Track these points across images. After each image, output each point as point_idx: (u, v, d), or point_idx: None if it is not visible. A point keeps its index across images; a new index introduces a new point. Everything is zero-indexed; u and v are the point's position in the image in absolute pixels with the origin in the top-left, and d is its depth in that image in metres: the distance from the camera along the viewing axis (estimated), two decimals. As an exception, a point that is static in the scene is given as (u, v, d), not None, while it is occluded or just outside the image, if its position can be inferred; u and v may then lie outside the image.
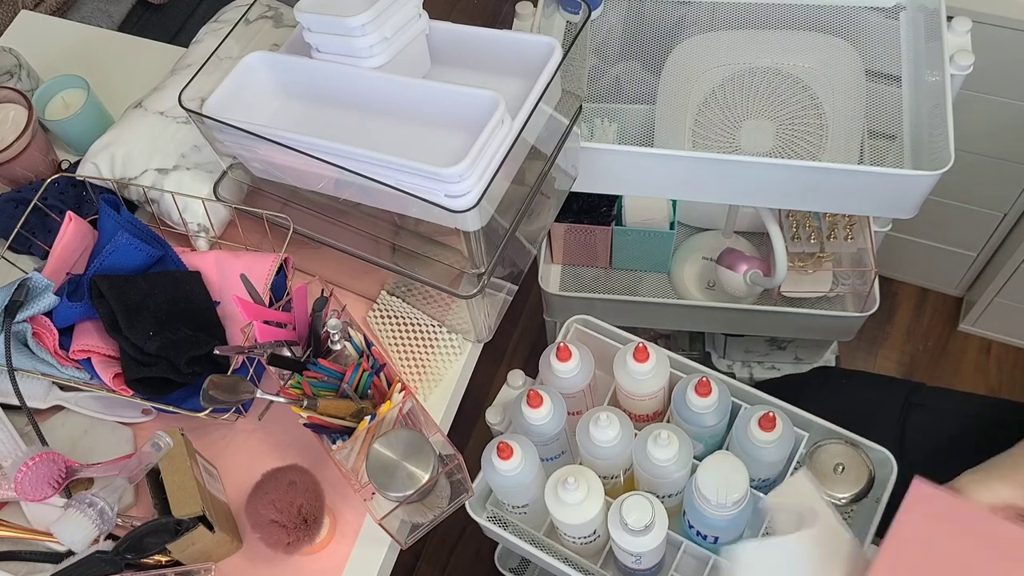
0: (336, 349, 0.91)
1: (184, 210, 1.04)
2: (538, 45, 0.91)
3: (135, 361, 0.92)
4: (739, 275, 1.33)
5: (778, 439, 0.86)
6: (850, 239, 1.29)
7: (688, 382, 0.88)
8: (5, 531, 0.90)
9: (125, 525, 0.89)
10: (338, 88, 0.95)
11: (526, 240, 1.00)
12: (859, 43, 1.15)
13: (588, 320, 1.01)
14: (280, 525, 0.84)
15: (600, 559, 0.92)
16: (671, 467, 0.84)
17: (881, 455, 0.91)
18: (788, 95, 1.17)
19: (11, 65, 1.24)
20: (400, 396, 0.87)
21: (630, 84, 1.24)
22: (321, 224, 0.98)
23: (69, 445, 0.97)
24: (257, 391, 0.86)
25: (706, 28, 1.20)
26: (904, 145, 1.06)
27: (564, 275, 1.48)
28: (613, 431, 0.86)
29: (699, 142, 1.18)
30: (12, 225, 1.03)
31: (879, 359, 1.92)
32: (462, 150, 0.80)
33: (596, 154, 1.04)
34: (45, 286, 0.94)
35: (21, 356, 0.93)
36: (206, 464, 0.93)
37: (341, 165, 0.85)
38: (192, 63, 1.14)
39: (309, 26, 0.91)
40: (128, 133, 1.09)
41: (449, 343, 1.04)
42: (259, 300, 0.92)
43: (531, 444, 0.88)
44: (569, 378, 0.92)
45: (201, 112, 0.92)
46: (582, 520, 0.84)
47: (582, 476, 0.84)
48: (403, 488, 0.82)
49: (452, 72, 0.97)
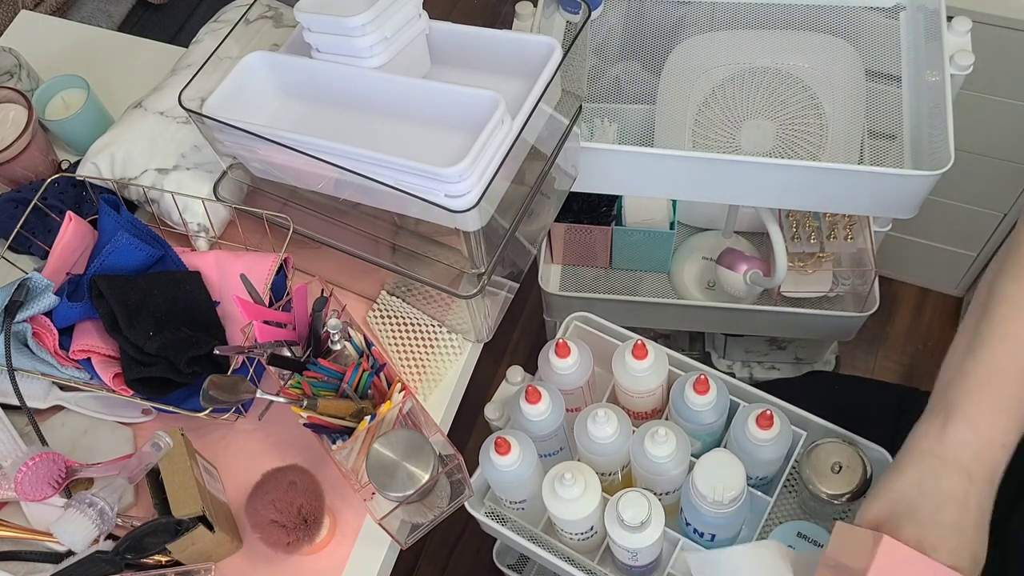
0: (336, 349, 0.91)
1: (184, 210, 1.04)
2: (538, 45, 0.91)
3: (135, 361, 0.92)
4: (739, 275, 1.34)
5: (775, 437, 0.86)
6: (850, 239, 1.29)
7: (686, 380, 0.88)
8: (5, 531, 0.90)
9: (125, 525, 0.89)
10: (338, 88, 0.95)
11: (526, 240, 1.00)
12: (859, 43, 1.15)
13: (587, 317, 1.01)
14: (280, 525, 0.84)
15: (597, 555, 0.92)
16: (668, 464, 0.85)
17: (878, 454, 0.91)
18: (788, 95, 1.17)
19: (11, 65, 1.24)
20: (400, 396, 0.87)
21: (630, 84, 1.24)
22: (321, 224, 0.99)
23: (69, 445, 0.97)
24: (257, 391, 0.86)
25: (706, 28, 1.20)
26: (904, 145, 1.06)
27: (564, 275, 1.48)
28: (611, 428, 0.86)
29: (699, 142, 1.18)
30: (12, 225, 1.03)
31: (879, 359, 1.92)
32: (462, 150, 0.80)
33: (596, 154, 1.04)
34: (45, 286, 0.94)
35: (21, 356, 0.93)
36: (206, 464, 0.93)
37: (341, 165, 0.85)
38: (192, 63, 1.14)
39: (309, 26, 0.91)
40: (128, 133, 1.09)
41: (449, 343, 1.04)
42: (259, 300, 0.92)
43: (529, 440, 0.88)
44: (568, 374, 0.92)
45: (201, 112, 0.92)
46: (579, 516, 0.84)
47: (579, 472, 0.84)
48: (403, 488, 0.82)
49: (452, 72, 0.97)
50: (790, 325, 1.37)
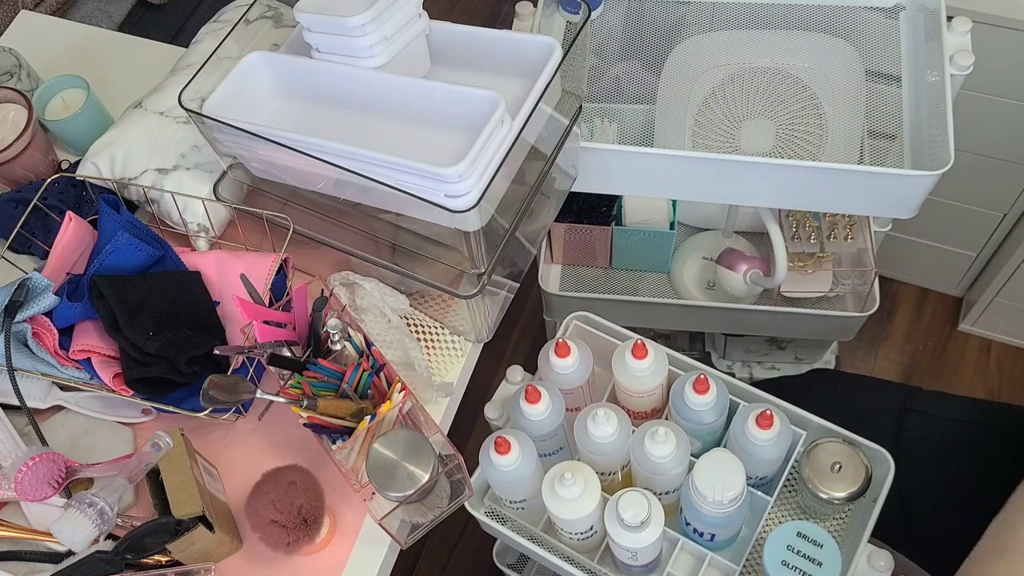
0: (336, 349, 0.91)
1: (184, 210, 1.04)
2: (538, 45, 0.91)
3: (135, 361, 0.92)
4: (739, 275, 1.33)
5: (775, 437, 0.86)
6: (850, 239, 1.29)
7: (686, 379, 0.88)
8: (5, 531, 0.90)
9: (125, 525, 0.89)
10: (338, 88, 0.95)
11: (526, 240, 1.00)
12: (859, 43, 1.15)
13: (587, 317, 1.01)
14: (280, 525, 0.84)
15: (597, 555, 0.92)
16: (668, 464, 0.85)
17: (878, 454, 0.91)
18: (788, 95, 1.17)
19: (11, 65, 1.24)
20: (400, 396, 0.87)
21: (630, 84, 1.24)
22: (321, 224, 0.99)
23: (69, 445, 0.97)
24: (257, 391, 0.86)
25: (706, 28, 1.20)
26: (904, 145, 1.06)
27: (564, 275, 1.48)
28: (611, 427, 0.86)
29: (699, 142, 1.18)
30: (12, 225, 1.03)
31: (879, 359, 1.92)
32: (462, 150, 0.80)
33: (596, 154, 1.04)
34: (45, 286, 0.94)
35: (21, 356, 0.93)
36: (206, 464, 0.93)
37: (341, 165, 0.85)
38: (192, 63, 1.14)
39: (309, 26, 0.92)
40: (128, 133, 1.09)
41: (449, 343, 1.04)
42: (259, 300, 0.92)
43: (529, 439, 0.88)
44: (568, 374, 0.92)
45: (201, 112, 0.92)
46: (579, 515, 0.84)
47: (579, 472, 0.84)
48: (403, 488, 0.82)
49: (452, 72, 0.97)
50: (790, 325, 1.37)
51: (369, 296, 0.99)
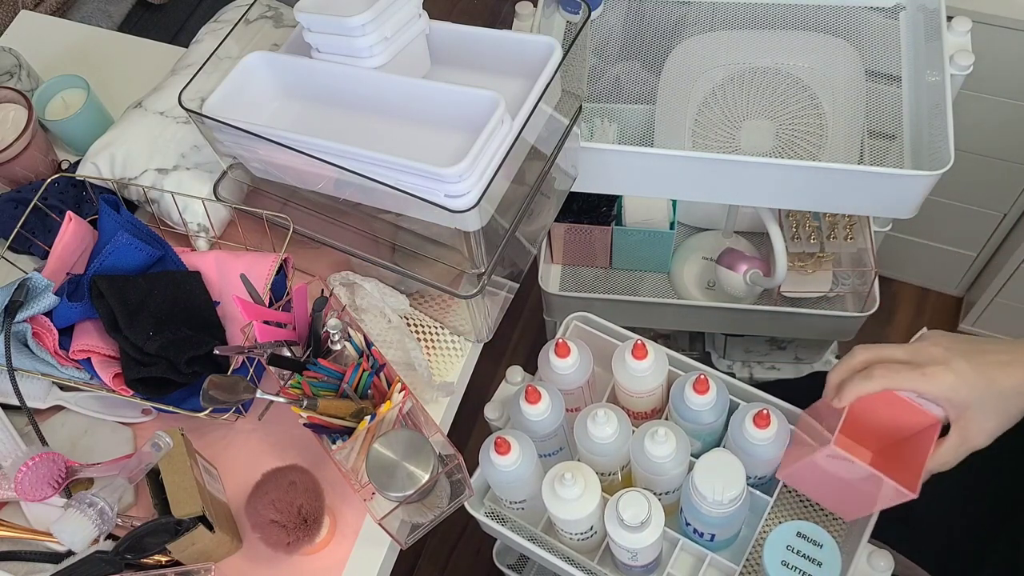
0: (336, 349, 0.91)
1: (184, 210, 1.04)
2: (538, 45, 0.91)
3: (135, 361, 0.92)
4: (739, 275, 1.34)
5: (773, 436, 0.86)
6: (850, 239, 1.29)
7: (686, 380, 0.88)
8: (5, 531, 0.90)
9: (125, 525, 0.89)
10: (338, 88, 0.95)
11: (526, 240, 1.00)
12: (859, 43, 1.15)
13: (587, 317, 1.01)
14: (280, 525, 0.84)
15: (597, 555, 0.92)
16: (668, 464, 0.85)
17: (880, 455, 0.91)
18: (788, 95, 1.17)
19: (11, 65, 1.24)
20: (400, 396, 0.87)
21: (630, 84, 1.24)
22: (321, 224, 0.99)
23: (69, 445, 0.97)
24: (257, 391, 0.86)
25: (706, 28, 1.20)
26: (904, 145, 1.06)
27: (564, 275, 1.48)
28: (611, 428, 0.86)
29: (699, 142, 1.18)
30: (12, 225, 1.03)
31: (879, 359, 1.92)
32: (462, 150, 0.80)
33: (596, 154, 1.04)
34: (45, 286, 0.94)
35: (21, 356, 0.93)
36: (206, 464, 0.93)
37: (341, 165, 0.85)
38: (192, 63, 1.14)
39: (309, 26, 0.91)
40: (128, 133, 1.09)
41: (449, 343, 1.04)
42: (259, 300, 0.92)
43: (529, 440, 0.88)
44: (568, 374, 0.92)
45: (201, 112, 0.92)
46: (579, 516, 0.84)
47: (579, 472, 0.84)
48: (403, 488, 0.82)
49: (452, 72, 0.97)
50: (790, 325, 1.37)
51: (369, 296, 0.99)
